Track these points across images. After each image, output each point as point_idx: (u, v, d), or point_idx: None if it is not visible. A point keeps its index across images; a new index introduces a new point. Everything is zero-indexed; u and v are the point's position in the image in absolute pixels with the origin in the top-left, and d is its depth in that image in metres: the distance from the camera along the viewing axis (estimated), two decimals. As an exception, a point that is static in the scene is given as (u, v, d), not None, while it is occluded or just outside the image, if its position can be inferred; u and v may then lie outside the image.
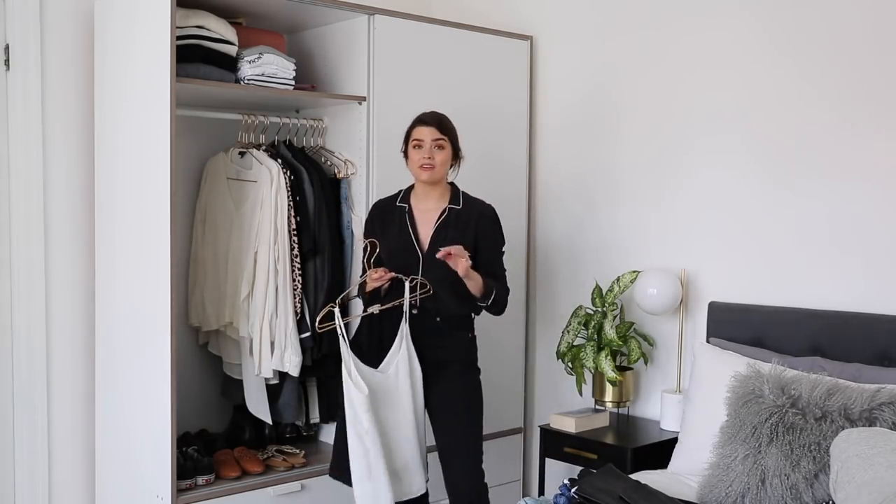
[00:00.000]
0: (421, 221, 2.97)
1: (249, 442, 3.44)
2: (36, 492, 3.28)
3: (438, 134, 2.90)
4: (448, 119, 2.97)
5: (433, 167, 2.90)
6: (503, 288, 3.00)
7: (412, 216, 2.98)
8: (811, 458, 2.46)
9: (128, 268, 3.12)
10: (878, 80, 2.94)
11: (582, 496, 2.48)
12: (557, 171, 3.90)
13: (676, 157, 3.48)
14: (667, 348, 3.53)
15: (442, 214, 2.96)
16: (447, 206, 2.97)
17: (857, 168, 3.00)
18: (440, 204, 2.98)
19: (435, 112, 2.97)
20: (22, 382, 3.24)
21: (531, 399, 4.02)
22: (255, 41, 3.30)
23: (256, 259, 3.22)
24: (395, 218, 2.98)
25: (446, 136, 2.91)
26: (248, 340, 3.27)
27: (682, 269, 3.40)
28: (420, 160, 2.90)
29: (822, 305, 3.06)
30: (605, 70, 3.71)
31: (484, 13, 4.03)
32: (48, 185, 3.26)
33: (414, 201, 3.00)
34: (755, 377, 2.67)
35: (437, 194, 2.98)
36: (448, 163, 2.94)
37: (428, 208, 2.98)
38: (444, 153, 2.91)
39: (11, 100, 3.19)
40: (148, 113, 2.96)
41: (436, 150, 2.90)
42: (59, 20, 3.25)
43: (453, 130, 2.96)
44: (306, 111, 3.63)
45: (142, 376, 3.04)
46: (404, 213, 2.97)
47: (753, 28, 3.25)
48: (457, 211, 2.97)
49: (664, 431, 3.35)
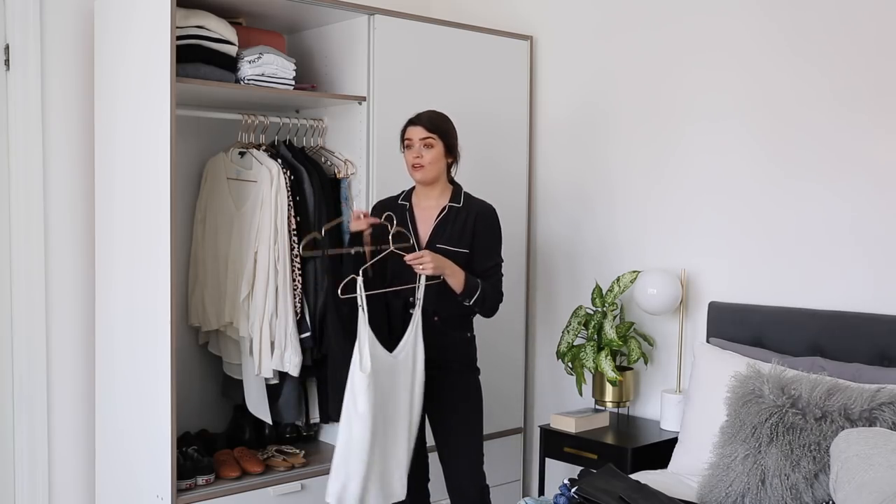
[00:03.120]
0: (420, 219, 2.98)
1: (249, 442, 3.44)
2: (36, 492, 3.28)
3: (426, 133, 2.89)
4: (443, 117, 2.95)
5: (422, 166, 2.90)
6: (493, 290, 2.96)
7: (412, 214, 2.98)
8: (811, 458, 2.46)
9: (128, 268, 3.12)
10: (878, 81, 2.94)
11: (582, 496, 2.48)
12: (557, 170, 3.90)
13: (676, 157, 3.48)
14: (667, 348, 3.53)
15: (441, 212, 2.96)
16: (447, 205, 2.97)
17: (857, 168, 3.00)
18: (440, 202, 2.98)
19: (429, 111, 2.96)
20: (22, 382, 3.24)
21: (531, 399, 4.02)
22: (255, 41, 3.30)
23: (256, 259, 3.22)
24: (396, 216, 2.97)
25: (435, 135, 2.90)
26: (248, 340, 3.27)
27: (682, 269, 3.40)
28: (410, 160, 2.91)
29: (822, 305, 3.06)
30: (605, 70, 3.71)
31: (484, 13, 4.04)
32: (48, 185, 3.26)
33: (415, 200, 3.01)
34: (755, 377, 2.67)
35: (436, 193, 2.98)
36: (440, 161, 2.93)
37: (428, 206, 2.98)
38: (434, 151, 2.90)
39: (11, 100, 3.19)
40: (148, 113, 2.96)
41: (424, 150, 2.89)
42: (59, 20, 3.25)
43: (446, 128, 2.94)
44: (306, 111, 3.63)
45: (142, 376, 3.04)
46: (405, 211, 2.98)
47: (753, 29, 3.25)
48: (456, 209, 2.97)
49: (664, 431, 3.35)
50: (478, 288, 2.88)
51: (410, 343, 2.83)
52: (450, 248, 2.90)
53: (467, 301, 2.89)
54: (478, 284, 2.89)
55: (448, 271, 2.83)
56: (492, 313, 3.00)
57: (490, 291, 2.94)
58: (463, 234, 2.92)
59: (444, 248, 2.90)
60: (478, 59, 3.72)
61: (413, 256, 2.80)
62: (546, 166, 3.94)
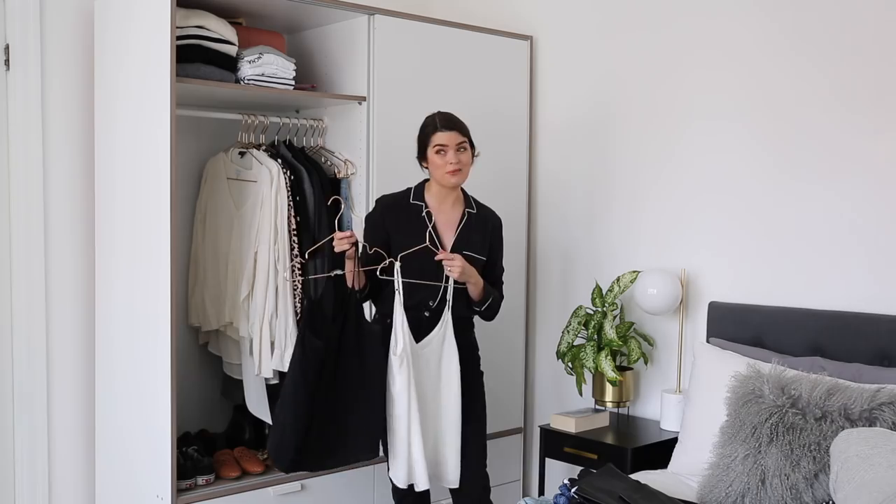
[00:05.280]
0: (442, 224, 2.95)
1: (249, 442, 3.44)
2: (36, 492, 3.28)
3: (461, 137, 2.88)
4: (460, 119, 2.94)
5: (460, 170, 2.88)
6: (500, 295, 3.04)
7: (430, 218, 2.94)
8: (811, 458, 2.46)
9: (128, 267, 3.12)
10: (878, 81, 2.94)
11: (582, 496, 2.48)
12: (558, 170, 3.90)
13: (677, 157, 3.48)
14: (667, 348, 3.53)
15: (462, 220, 2.96)
16: (465, 210, 2.97)
17: (857, 168, 3.00)
18: (457, 207, 2.97)
19: (448, 114, 2.93)
20: (22, 382, 3.24)
21: (531, 399, 4.02)
22: (255, 41, 3.30)
23: (256, 259, 3.22)
24: (410, 218, 2.93)
25: (467, 138, 2.90)
26: (248, 340, 3.27)
27: (682, 269, 3.40)
28: (446, 165, 2.86)
29: (822, 305, 3.06)
30: (606, 70, 3.71)
31: (484, 13, 4.03)
32: (48, 185, 3.26)
33: (431, 203, 2.96)
34: (755, 377, 2.67)
35: (453, 197, 2.97)
36: (471, 164, 2.94)
37: (445, 210, 2.96)
38: (468, 154, 2.91)
39: (11, 100, 3.19)
40: (148, 113, 2.96)
41: (461, 153, 2.88)
42: (59, 20, 3.25)
43: (468, 130, 2.94)
44: (306, 111, 3.63)
45: (142, 376, 3.04)
46: (422, 215, 2.93)
47: (753, 29, 3.25)
48: (474, 216, 2.99)
49: (664, 431, 3.35)
50: (490, 296, 2.95)
51: (438, 340, 2.86)
52: (474, 256, 2.93)
53: (479, 307, 2.95)
54: (491, 293, 2.96)
55: (473, 280, 2.88)
56: (494, 317, 3.06)
57: (498, 298, 3.02)
58: (483, 243, 2.97)
59: (469, 255, 2.91)
60: (478, 59, 3.72)
61: (445, 256, 2.83)
62: (546, 166, 3.94)
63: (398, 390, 2.76)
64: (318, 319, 2.78)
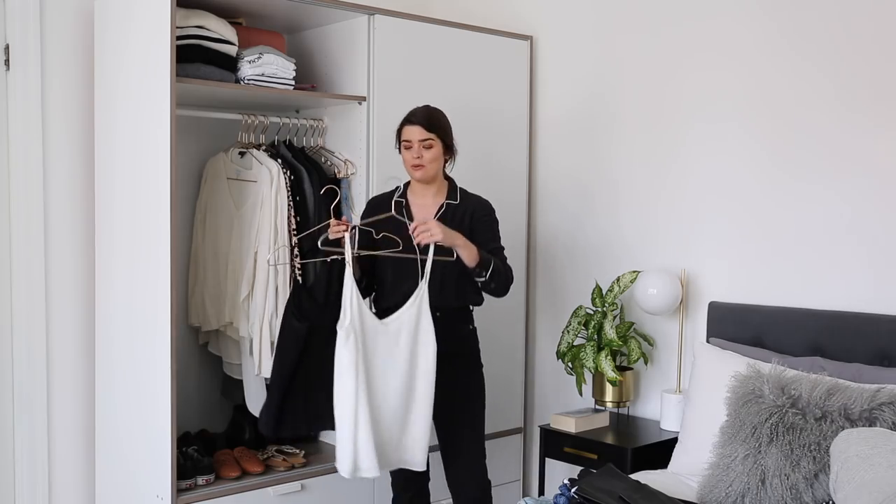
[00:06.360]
0: (419, 217, 2.95)
1: (249, 442, 3.43)
2: (36, 492, 3.28)
3: (426, 134, 2.88)
4: (439, 113, 2.94)
5: (423, 167, 2.90)
6: (504, 265, 2.92)
7: (409, 211, 2.97)
8: (811, 458, 2.46)
9: (128, 267, 3.12)
10: (878, 81, 2.94)
11: (582, 496, 2.48)
12: (557, 170, 3.90)
13: (676, 157, 3.48)
14: (667, 348, 3.53)
15: (439, 210, 2.96)
16: (444, 202, 2.97)
17: (857, 168, 3.00)
18: (437, 199, 2.98)
19: (426, 107, 2.94)
20: (22, 382, 3.24)
21: (531, 399, 4.02)
22: (255, 41, 3.30)
23: (256, 259, 3.22)
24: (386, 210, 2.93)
25: (434, 134, 2.89)
26: (248, 340, 3.28)
27: (682, 269, 3.40)
28: (410, 160, 2.91)
29: (822, 305, 3.06)
30: (605, 70, 3.71)
31: (484, 13, 4.03)
32: (48, 185, 3.26)
33: (411, 197, 3.00)
34: (755, 377, 2.67)
35: (433, 190, 2.98)
36: (439, 159, 2.93)
37: (425, 204, 2.98)
38: (433, 151, 2.90)
39: (11, 100, 3.19)
40: (148, 113, 2.96)
41: (424, 150, 2.89)
42: (59, 20, 3.25)
43: (443, 126, 2.93)
44: (306, 111, 3.63)
45: (142, 376, 3.04)
46: (401, 209, 2.96)
47: (753, 29, 3.25)
48: (454, 206, 2.97)
49: (664, 431, 3.35)
50: (491, 261, 2.84)
51: (409, 316, 2.76)
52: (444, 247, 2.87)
53: (483, 275, 2.83)
54: (491, 258, 2.85)
55: (459, 242, 2.78)
56: (505, 291, 2.94)
57: (501, 266, 2.90)
58: (461, 232, 2.89)
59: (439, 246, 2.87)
60: (478, 58, 3.72)
61: (417, 225, 2.75)
62: (546, 167, 3.94)
63: (344, 368, 2.63)
64: (305, 302, 2.83)
